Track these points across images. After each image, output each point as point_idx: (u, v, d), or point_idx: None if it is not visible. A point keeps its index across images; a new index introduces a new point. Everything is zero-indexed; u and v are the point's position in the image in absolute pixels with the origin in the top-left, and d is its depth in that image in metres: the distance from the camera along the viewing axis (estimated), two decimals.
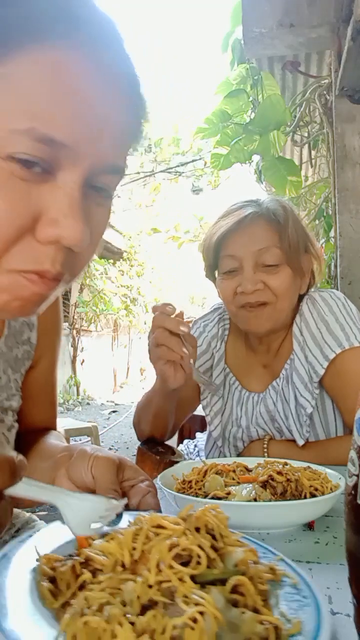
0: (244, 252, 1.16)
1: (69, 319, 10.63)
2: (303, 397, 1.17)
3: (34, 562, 0.48)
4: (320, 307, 1.21)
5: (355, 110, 2.14)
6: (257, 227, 1.17)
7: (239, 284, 1.16)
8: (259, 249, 1.15)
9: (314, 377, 1.17)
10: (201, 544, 0.45)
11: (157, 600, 0.41)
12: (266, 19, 2.14)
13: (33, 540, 0.53)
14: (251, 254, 1.16)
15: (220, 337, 1.35)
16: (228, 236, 1.18)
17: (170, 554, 0.43)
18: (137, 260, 11.66)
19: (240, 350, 1.33)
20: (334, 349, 1.14)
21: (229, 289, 1.19)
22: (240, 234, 1.17)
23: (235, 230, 1.17)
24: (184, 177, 7.29)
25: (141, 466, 1.28)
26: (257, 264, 1.16)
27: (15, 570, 0.47)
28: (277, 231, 1.16)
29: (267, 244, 1.15)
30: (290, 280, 1.17)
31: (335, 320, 1.18)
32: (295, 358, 1.20)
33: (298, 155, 3.22)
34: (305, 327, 1.20)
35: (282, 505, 0.74)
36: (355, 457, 0.42)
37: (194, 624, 0.38)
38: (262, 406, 1.25)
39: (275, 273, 1.15)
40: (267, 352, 1.28)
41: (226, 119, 2.62)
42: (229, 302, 1.20)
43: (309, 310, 1.22)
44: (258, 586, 0.44)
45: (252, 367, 1.31)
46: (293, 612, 0.43)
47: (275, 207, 1.19)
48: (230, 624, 0.39)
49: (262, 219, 1.17)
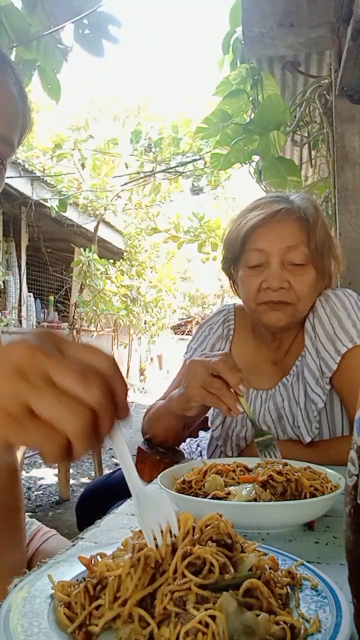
0: (273, 247, 1.15)
1: (69, 319, 10.62)
2: (314, 392, 1.17)
3: (50, 590, 0.50)
4: (333, 303, 1.21)
5: (355, 110, 2.14)
6: (288, 224, 1.16)
7: (264, 280, 1.16)
8: (288, 246, 1.15)
9: (326, 372, 1.16)
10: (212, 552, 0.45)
11: (170, 611, 0.41)
12: (266, 19, 2.13)
13: (48, 570, 0.55)
14: (279, 251, 1.15)
15: (225, 337, 1.35)
16: (257, 230, 1.17)
17: (184, 564, 0.44)
18: (137, 260, 11.64)
19: (248, 348, 1.33)
20: (346, 344, 1.14)
21: (254, 284, 1.18)
22: (271, 229, 1.16)
23: (265, 225, 1.16)
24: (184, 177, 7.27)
25: (141, 466, 1.28)
26: (284, 261, 1.15)
27: (35, 599, 0.49)
28: (307, 230, 1.16)
29: (296, 242, 1.15)
30: (314, 282, 1.17)
31: (348, 316, 1.18)
32: (307, 354, 1.20)
33: (298, 155, 3.21)
34: (318, 322, 1.20)
35: (282, 505, 0.74)
36: (355, 457, 0.42)
37: (205, 628, 0.38)
38: (270, 403, 1.25)
39: (300, 275, 1.15)
40: (278, 349, 1.28)
41: (226, 119, 2.62)
42: (251, 298, 1.19)
43: (322, 306, 1.22)
44: (276, 590, 0.45)
45: (260, 365, 1.30)
46: (312, 613, 0.43)
47: (306, 205, 1.19)
48: (245, 627, 0.40)
49: (293, 216, 1.16)
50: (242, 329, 1.34)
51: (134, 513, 0.85)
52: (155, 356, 14.88)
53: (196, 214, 6.21)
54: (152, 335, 13.47)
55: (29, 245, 9.22)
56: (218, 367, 1.01)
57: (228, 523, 0.50)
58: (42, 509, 3.61)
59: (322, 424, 1.20)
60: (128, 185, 8.18)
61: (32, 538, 1.04)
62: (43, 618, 0.45)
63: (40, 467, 4.84)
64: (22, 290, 8.94)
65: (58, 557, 0.60)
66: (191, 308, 18.35)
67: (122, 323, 12.24)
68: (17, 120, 0.82)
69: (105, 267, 9.74)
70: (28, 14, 2.21)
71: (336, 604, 0.45)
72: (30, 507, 3.62)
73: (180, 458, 1.31)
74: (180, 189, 8.15)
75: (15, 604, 0.48)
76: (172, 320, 15.72)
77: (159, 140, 7.13)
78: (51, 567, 0.56)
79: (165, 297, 12.72)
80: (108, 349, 12.53)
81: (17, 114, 0.81)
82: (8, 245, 8.64)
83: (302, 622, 0.42)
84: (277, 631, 0.40)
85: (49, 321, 10.31)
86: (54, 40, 2.30)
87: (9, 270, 8.62)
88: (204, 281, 14.60)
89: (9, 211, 8.08)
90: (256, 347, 1.31)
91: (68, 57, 2.38)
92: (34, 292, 9.74)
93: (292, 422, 1.20)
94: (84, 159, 8.09)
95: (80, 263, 8.94)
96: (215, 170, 5.54)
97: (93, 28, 2.30)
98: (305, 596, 0.47)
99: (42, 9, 2.21)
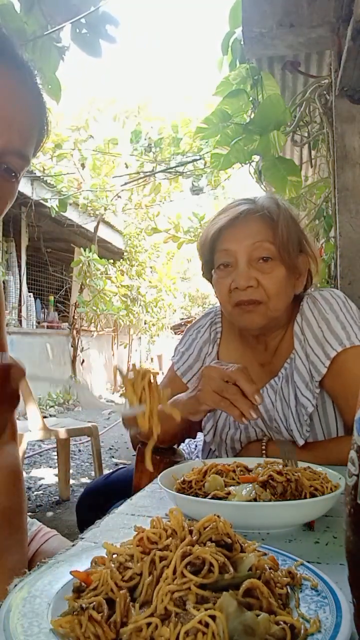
0: (238, 246, 1.18)
1: (69, 319, 10.62)
2: (304, 396, 1.17)
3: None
4: (321, 305, 1.22)
5: (355, 110, 2.14)
6: (251, 223, 1.19)
7: (232, 280, 1.18)
8: (252, 242, 1.18)
9: (315, 375, 1.16)
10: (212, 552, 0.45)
11: (170, 611, 0.41)
12: (266, 19, 2.13)
13: (48, 570, 0.55)
14: (244, 248, 1.17)
15: (212, 340, 1.36)
16: (223, 231, 1.21)
17: (183, 563, 0.44)
18: (137, 260, 11.64)
19: (235, 350, 1.33)
20: (335, 347, 1.14)
21: (224, 285, 1.20)
22: (235, 229, 1.20)
23: (230, 226, 1.20)
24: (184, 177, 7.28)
25: (141, 466, 1.28)
26: (251, 258, 1.17)
27: (35, 599, 0.49)
28: (271, 227, 1.19)
29: (260, 238, 1.18)
30: (284, 279, 1.18)
31: (336, 319, 1.18)
32: (296, 357, 1.20)
33: (298, 155, 3.21)
34: (306, 325, 1.21)
35: (282, 505, 0.74)
36: (355, 457, 0.42)
37: (205, 628, 0.38)
38: (259, 406, 1.25)
39: (269, 272, 1.16)
40: (265, 351, 1.28)
41: (226, 119, 2.61)
42: (225, 300, 1.21)
43: (309, 309, 1.22)
44: (276, 590, 0.45)
45: (248, 366, 1.31)
46: (312, 613, 0.43)
47: (269, 204, 1.22)
48: (245, 627, 0.40)
49: (256, 215, 1.20)
50: (229, 331, 1.35)
51: (134, 512, 0.85)
52: (155, 356, 14.89)
53: (196, 214, 6.21)
54: (152, 335, 13.47)
55: (29, 245, 9.22)
56: (236, 375, 1.05)
57: (227, 523, 0.50)
58: (42, 509, 3.61)
59: (315, 426, 1.20)
60: (128, 185, 8.18)
61: (33, 539, 1.04)
62: (43, 618, 0.45)
63: (40, 467, 4.84)
64: (22, 290, 8.94)
65: (58, 557, 0.60)
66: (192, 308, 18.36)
67: (122, 323, 12.23)
68: (34, 134, 0.82)
69: (105, 267, 9.74)
70: (25, 14, 2.21)
71: (336, 604, 0.45)
72: (30, 507, 3.62)
73: (180, 458, 1.31)
74: (180, 189, 8.15)
75: (15, 604, 0.47)
76: (172, 320, 15.73)
77: (159, 140, 7.12)
78: (51, 567, 0.56)
79: (165, 297, 12.72)
80: (108, 348, 12.54)
81: (34, 129, 0.82)
82: (8, 245, 8.64)
83: (302, 622, 0.42)
84: (277, 631, 0.40)
85: (49, 321, 10.31)
86: (51, 39, 2.29)
87: (9, 270, 8.62)
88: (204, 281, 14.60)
89: (9, 211, 8.02)
90: (243, 349, 1.32)
91: (65, 57, 2.37)
92: (34, 292, 9.74)
93: (285, 424, 1.21)
94: (84, 159, 8.09)
95: (80, 263, 8.94)
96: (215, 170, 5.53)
97: (90, 28, 2.30)
98: (305, 596, 0.47)
99: (39, 9, 2.21)
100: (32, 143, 0.82)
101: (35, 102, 0.82)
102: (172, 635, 0.39)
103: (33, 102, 0.81)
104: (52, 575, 0.54)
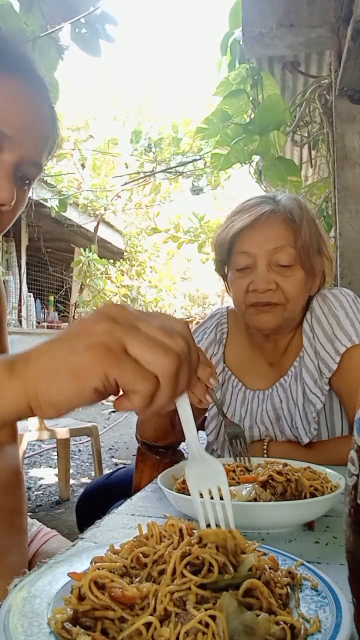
0: (259, 249, 1.15)
1: (69, 319, 10.62)
2: (313, 393, 1.17)
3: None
4: (331, 302, 1.21)
5: (355, 110, 2.14)
6: (274, 225, 1.16)
7: (251, 281, 1.16)
8: (273, 247, 1.15)
9: (325, 372, 1.16)
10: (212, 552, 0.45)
11: (170, 611, 0.41)
12: (266, 19, 2.13)
13: (48, 570, 0.54)
14: (265, 252, 1.15)
15: (219, 341, 1.35)
16: (243, 232, 1.18)
17: (183, 563, 0.44)
18: (138, 260, 11.64)
19: (242, 350, 1.32)
20: (345, 343, 1.14)
21: (242, 286, 1.18)
22: (256, 231, 1.16)
23: (251, 227, 1.16)
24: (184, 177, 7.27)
25: (141, 466, 1.28)
26: (271, 262, 1.15)
27: (35, 599, 0.48)
28: (293, 230, 1.15)
29: (282, 243, 1.15)
30: (303, 282, 1.17)
31: (346, 316, 1.18)
32: (305, 354, 1.20)
33: (298, 155, 3.22)
34: (316, 322, 1.20)
35: (282, 505, 0.74)
36: (355, 457, 0.42)
37: (205, 628, 0.38)
38: (268, 404, 1.24)
39: (288, 276, 1.15)
40: (274, 350, 1.27)
41: (226, 119, 2.61)
42: (240, 299, 1.20)
43: (319, 306, 1.22)
44: (276, 590, 0.45)
45: (256, 366, 1.30)
46: (312, 613, 0.43)
47: (292, 205, 1.18)
48: (245, 627, 0.40)
49: (278, 217, 1.16)
50: (236, 332, 1.34)
51: (134, 512, 0.85)
52: None
53: (196, 214, 6.21)
54: None
55: (29, 245, 9.21)
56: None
57: (241, 539, 0.49)
58: (42, 509, 3.61)
59: (320, 425, 1.20)
60: (128, 185, 8.18)
61: (33, 539, 1.04)
62: (43, 618, 0.45)
63: (40, 467, 4.84)
64: (22, 290, 8.94)
65: (58, 557, 0.60)
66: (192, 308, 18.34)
67: None
68: (48, 144, 0.85)
69: (105, 267, 9.73)
70: (24, 14, 2.20)
71: (336, 604, 0.45)
72: (30, 507, 3.62)
73: (180, 458, 1.31)
74: (180, 189, 8.15)
75: (15, 604, 0.47)
76: None
77: (159, 140, 7.12)
78: (51, 567, 0.56)
79: (165, 297, 12.71)
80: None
81: (48, 138, 0.85)
82: (8, 245, 8.64)
83: (302, 622, 0.42)
84: (277, 631, 0.40)
85: (49, 321, 10.30)
86: (50, 39, 2.29)
87: (9, 270, 8.62)
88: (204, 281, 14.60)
89: None
90: (251, 348, 1.31)
91: (64, 56, 2.37)
92: (34, 292, 9.73)
93: (290, 422, 1.20)
94: (84, 159, 8.09)
95: (80, 263, 8.93)
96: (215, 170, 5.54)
97: (90, 27, 2.30)
98: (305, 596, 0.47)
99: (39, 9, 2.21)
100: (46, 152, 0.85)
101: (49, 112, 0.84)
102: (172, 635, 0.39)
103: (48, 112, 0.83)
104: (52, 575, 0.53)
